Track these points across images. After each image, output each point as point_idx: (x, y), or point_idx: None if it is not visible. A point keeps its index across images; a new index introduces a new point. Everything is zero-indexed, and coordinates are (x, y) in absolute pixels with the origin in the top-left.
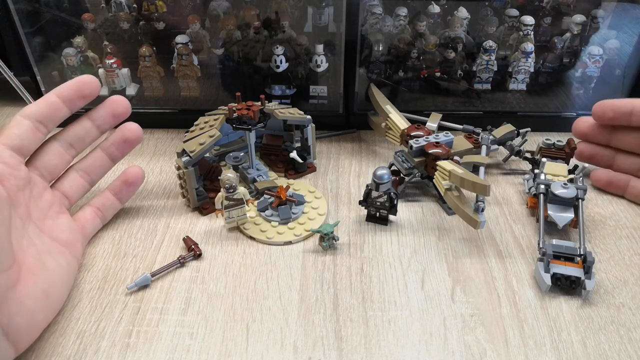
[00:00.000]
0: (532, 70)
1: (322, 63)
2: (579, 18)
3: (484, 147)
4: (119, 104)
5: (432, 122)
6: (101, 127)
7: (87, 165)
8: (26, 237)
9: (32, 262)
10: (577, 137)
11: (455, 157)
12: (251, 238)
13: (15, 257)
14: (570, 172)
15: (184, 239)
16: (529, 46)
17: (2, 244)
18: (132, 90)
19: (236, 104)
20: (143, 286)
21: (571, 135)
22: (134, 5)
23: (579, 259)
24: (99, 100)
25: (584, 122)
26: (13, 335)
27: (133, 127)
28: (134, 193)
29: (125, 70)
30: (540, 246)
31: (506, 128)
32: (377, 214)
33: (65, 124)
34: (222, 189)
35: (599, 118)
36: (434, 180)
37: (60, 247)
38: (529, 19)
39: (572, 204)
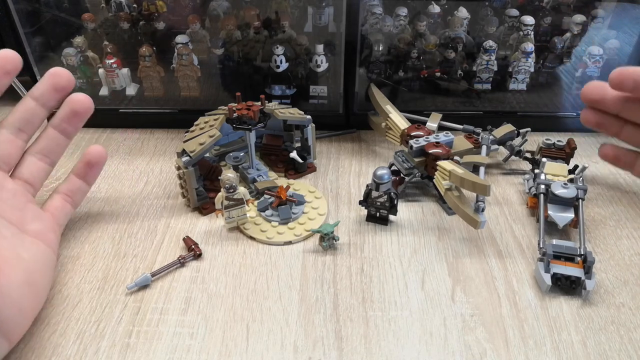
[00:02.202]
0: (532, 70)
1: (322, 63)
2: (579, 18)
3: (484, 147)
4: (59, 76)
5: (432, 122)
6: (46, 104)
7: (42, 146)
8: None
9: (7, 254)
10: (585, 103)
11: (455, 157)
12: (251, 238)
13: None
14: (570, 172)
15: (184, 239)
16: (529, 46)
17: None
18: (132, 90)
19: (236, 104)
20: (143, 286)
21: (571, 135)
22: (134, 5)
23: (579, 259)
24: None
25: (596, 89)
26: (4, 328)
27: (80, 98)
28: (99, 173)
29: (125, 70)
30: (541, 246)
31: (506, 128)
32: (377, 214)
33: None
34: (222, 189)
35: (617, 86)
36: (434, 180)
37: (32, 238)
38: (529, 19)
39: (572, 204)
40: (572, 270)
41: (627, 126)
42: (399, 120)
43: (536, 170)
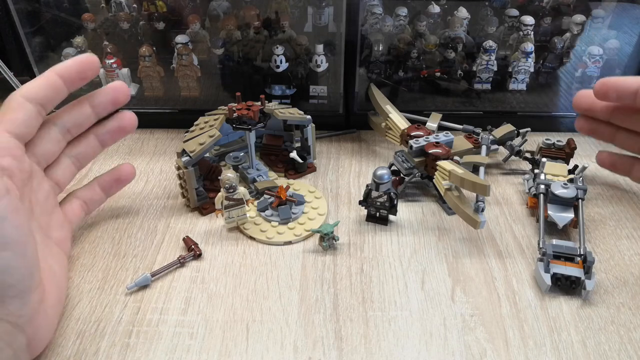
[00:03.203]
0: (532, 70)
1: (322, 63)
2: (579, 18)
3: (484, 147)
4: (121, 92)
5: (432, 122)
6: (100, 114)
7: (80, 151)
8: (35, 241)
9: (44, 268)
10: (577, 111)
11: (455, 157)
12: (251, 238)
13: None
14: (570, 172)
15: (184, 239)
16: (529, 46)
17: (33, 260)
18: (132, 90)
19: (236, 104)
20: (143, 286)
21: (571, 135)
22: (134, 5)
23: (579, 259)
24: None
25: (585, 98)
26: (34, 344)
27: (131, 116)
28: (120, 189)
29: (125, 70)
30: (540, 246)
31: (506, 128)
32: (377, 214)
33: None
34: (222, 189)
35: (601, 97)
36: (434, 180)
37: (56, 246)
38: (529, 19)
39: (572, 204)
40: (572, 270)
41: (620, 132)
42: (399, 120)
43: (536, 170)
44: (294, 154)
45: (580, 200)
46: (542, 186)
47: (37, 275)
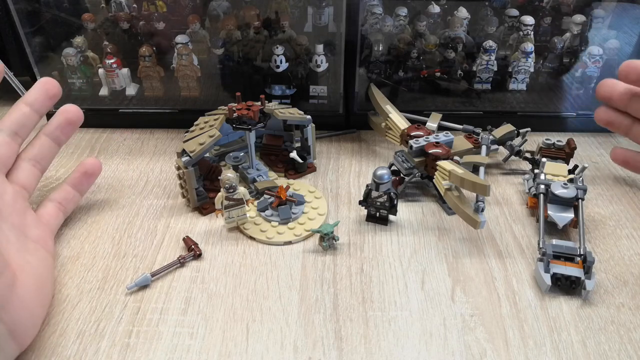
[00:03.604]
0: (532, 70)
1: (322, 63)
2: (579, 18)
3: (484, 147)
4: (51, 84)
5: (432, 122)
6: (39, 110)
7: (35, 153)
8: (4, 235)
9: (17, 260)
10: (599, 100)
11: (455, 157)
12: (251, 238)
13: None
14: (570, 172)
15: (184, 239)
16: (529, 46)
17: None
18: (132, 90)
19: (236, 104)
20: (143, 286)
21: (571, 135)
22: (134, 5)
23: (579, 259)
24: (97, 100)
25: (607, 86)
26: (18, 333)
27: (73, 109)
28: (92, 184)
29: (125, 70)
30: (540, 246)
31: (506, 128)
32: (377, 214)
33: None
34: (222, 189)
35: (624, 77)
36: (434, 180)
37: (34, 243)
38: (529, 19)
39: (572, 204)
40: (572, 270)
41: (635, 125)
42: (399, 120)
43: (536, 170)
44: (294, 154)
45: (580, 200)
46: (542, 186)
47: (2, 261)
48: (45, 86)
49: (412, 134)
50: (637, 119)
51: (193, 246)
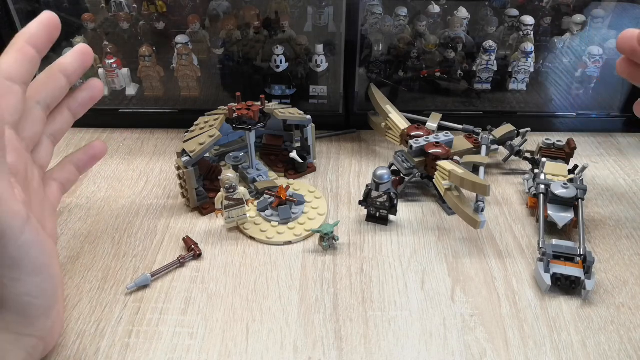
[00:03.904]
0: (532, 70)
1: (322, 63)
2: (579, 18)
3: (484, 147)
4: (89, 54)
5: (432, 122)
6: (72, 82)
7: (57, 128)
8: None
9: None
10: (620, 52)
11: (455, 157)
12: (251, 238)
13: None
14: (570, 172)
15: (184, 239)
16: (529, 46)
17: (59, 278)
18: (132, 90)
19: (236, 104)
20: (143, 286)
21: (571, 135)
22: (134, 5)
23: (579, 259)
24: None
25: (628, 39)
26: (48, 339)
27: (99, 84)
28: (92, 167)
29: (125, 70)
30: (540, 246)
31: (506, 128)
32: (377, 214)
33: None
34: (222, 189)
35: (621, 50)
36: (434, 180)
37: (50, 240)
38: (529, 19)
39: (572, 204)
40: (572, 270)
41: None
42: (399, 120)
43: (536, 170)
44: (294, 154)
45: (580, 200)
46: (542, 186)
47: (61, 292)
48: (83, 57)
49: (412, 134)
50: None
51: (193, 246)
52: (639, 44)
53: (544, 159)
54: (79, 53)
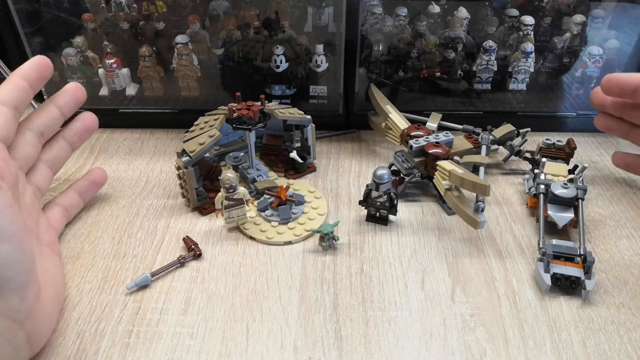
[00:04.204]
0: (532, 70)
1: (322, 63)
2: (579, 18)
3: (484, 147)
4: (80, 91)
5: (432, 122)
6: (66, 115)
7: (54, 156)
8: None
9: (39, 267)
10: (595, 107)
11: (455, 157)
12: (251, 238)
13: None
14: (570, 172)
15: (184, 239)
16: (529, 46)
17: (30, 255)
18: (132, 90)
19: (236, 104)
20: (143, 286)
21: (571, 135)
22: (134, 5)
23: (579, 259)
24: (97, 100)
25: (598, 93)
26: (34, 340)
27: (92, 116)
28: (94, 193)
29: (125, 70)
30: (540, 246)
31: (506, 128)
32: (377, 214)
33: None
34: (222, 189)
35: (606, 92)
36: (434, 180)
37: (47, 248)
38: (529, 19)
39: (572, 204)
40: (571, 270)
41: (634, 129)
42: (399, 120)
43: (536, 170)
44: (294, 154)
45: (580, 200)
46: (542, 186)
47: (34, 270)
48: (75, 92)
49: (412, 134)
50: (635, 124)
51: (193, 246)
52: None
53: (544, 159)
54: (70, 88)
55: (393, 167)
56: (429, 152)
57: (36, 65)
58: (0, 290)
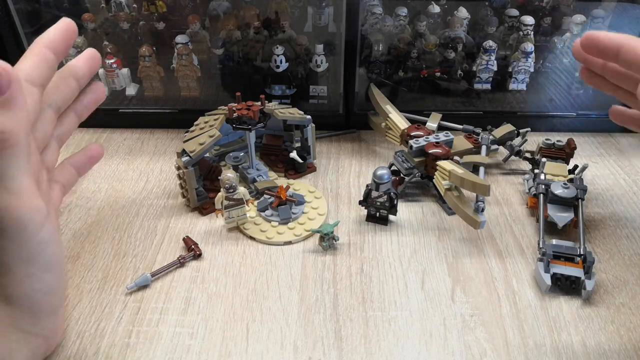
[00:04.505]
0: (532, 70)
1: (322, 63)
2: (579, 18)
3: (484, 147)
4: (97, 59)
5: (432, 122)
6: (81, 86)
7: (63, 130)
8: None
9: None
10: (577, 60)
11: (455, 157)
12: (251, 238)
13: None
14: (570, 172)
15: (184, 239)
16: (529, 46)
17: (66, 281)
18: (132, 90)
19: (236, 104)
20: (143, 286)
21: (571, 135)
22: (134, 5)
23: (579, 259)
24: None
25: (577, 47)
26: (51, 340)
27: (102, 87)
28: (90, 168)
29: (125, 70)
30: (540, 246)
31: (506, 128)
32: (377, 214)
33: None
34: (222, 189)
35: (586, 51)
36: (434, 180)
37: (57, 235)
38: (529, 19)
39: (572, 204)
40: (571, 270)
41: (620, 89)
42: (399, 120)
43: (536, 170)
44: (294, 154)
45: (580, 200)
46: (542, 186)
47: (65, 291)
48: (92, 61)
49: (412, 134)
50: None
51: (193, 246)
52: (585, 52)
53: (544, 159)
54: (88, 57)
55: (393, 167)
56: (429, 152)
57: (63, 32)
58: (39, 316)
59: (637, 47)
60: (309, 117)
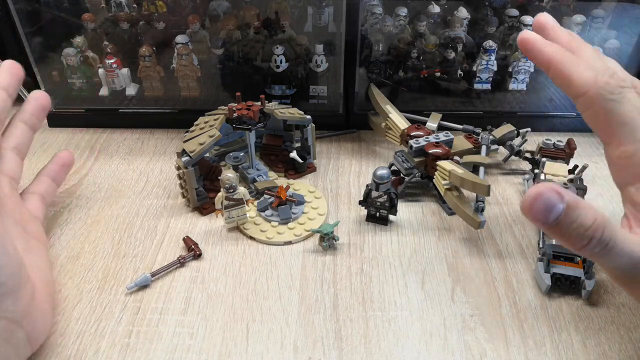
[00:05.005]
0: (532, 70)
1: (322, 63)
2: (579, 18)
3: (484, 147)
4: (17, 67)
5: (432, 122)
6: (11, 95)
7: (17, 142)
8: (13, 236)
9: (29, 263)
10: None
11: (455, 157)
12: (251, 238)
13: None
14: (570, 172)
15: (184, 239)
16: None
17: (16, 257)
18: (132, 90)
19: (236, 104)
20: (143, 286)
21: (571, 135)
22: (134, 5)
23: (579, 258)
24: (97, 100)
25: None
26: (33, 338)
27: (43, 94)
28: (66, 175)
29: (125, 70)
30: (540, 246)
31: (506, 128)
32: (377, 214)
33: None
34: (222, 189)
35: (523, 52)
36: (434, 180)
37: (34, 240)
38: (529, 19)
39: None
40: (571, 270)
41: None
42: (399, 120)
43: (536, 170)
44: (294, 154)
45: None
46: None
47: (24, 271)
48: (13, 70)
49: (412, 134)
50: None
51: (193, 246)
52: None
53: (544, 159)
54: (7, 68)
55: (393, 167)
56: (429, 152)
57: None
58: None
59: (564, 71)
60: (309, 117)
